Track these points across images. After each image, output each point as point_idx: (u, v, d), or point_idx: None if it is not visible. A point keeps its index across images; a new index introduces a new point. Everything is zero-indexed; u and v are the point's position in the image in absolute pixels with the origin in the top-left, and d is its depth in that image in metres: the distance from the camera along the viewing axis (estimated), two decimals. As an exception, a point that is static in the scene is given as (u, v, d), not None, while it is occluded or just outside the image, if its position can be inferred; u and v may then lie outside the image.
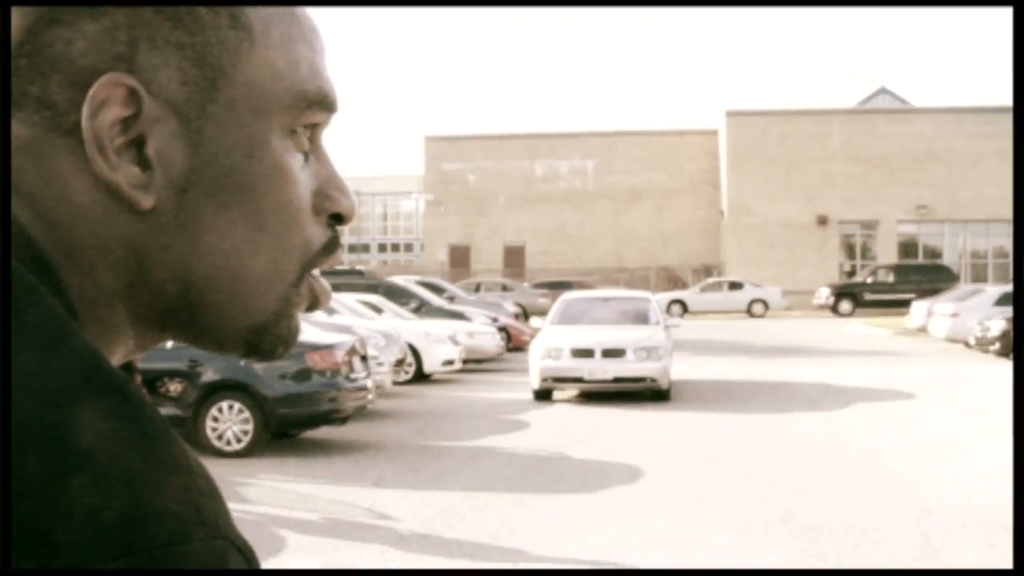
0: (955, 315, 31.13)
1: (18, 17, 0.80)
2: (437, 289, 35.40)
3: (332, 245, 0.91)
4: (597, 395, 19.30)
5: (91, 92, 0.79)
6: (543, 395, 19.25)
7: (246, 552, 0.72)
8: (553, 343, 19.20)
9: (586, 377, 18.80)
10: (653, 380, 18.69)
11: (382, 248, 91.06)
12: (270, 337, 0.90)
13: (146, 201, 0.81)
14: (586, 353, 18.90)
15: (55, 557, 0.64)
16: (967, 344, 29.36)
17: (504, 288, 48.52)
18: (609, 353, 18.84)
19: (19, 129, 0.80)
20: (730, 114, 60.70)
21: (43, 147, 0.80)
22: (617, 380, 18.72)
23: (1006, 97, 65.52)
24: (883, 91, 70.12)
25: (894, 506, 10.58)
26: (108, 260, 0.82)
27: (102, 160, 0.80)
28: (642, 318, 20.95)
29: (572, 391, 19.67)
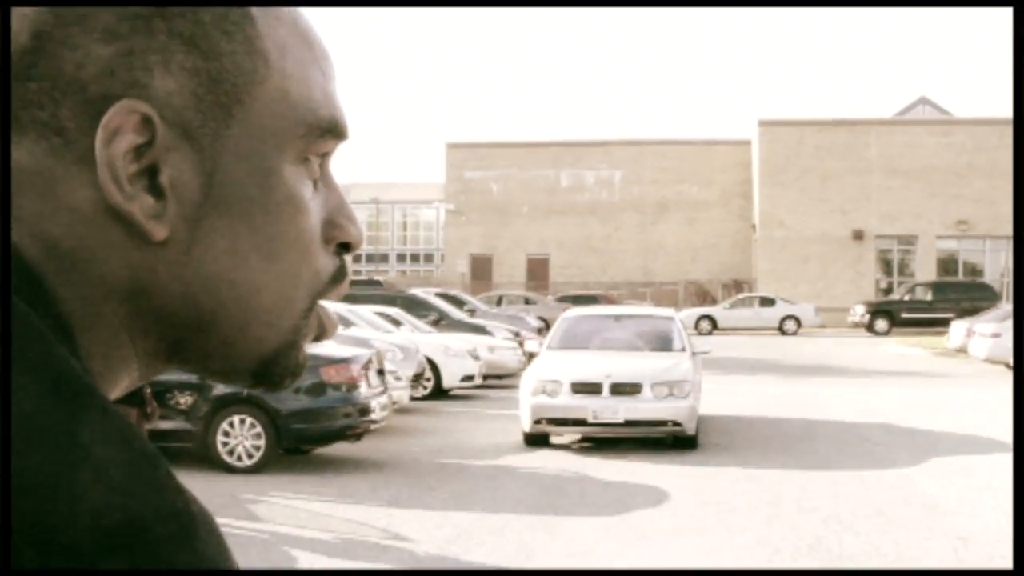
0: (996, 335, 30.43)
1: (25, 38, 0.79)
2: (457, 302, 35.31)
3: (340, 274, 0.91)
4: (604, 441, 15.89)
5: (105, 119, 0.77)
6: (536, 440, 15.84)
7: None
8: (549, 374, 15.78)
9: (590, 419, 15.20)
10: (676, 424, 15.18)
11: (401, 258, 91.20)
12: (278, 369, 0.89)
13: (160, 232, 0.80)
14: (591, 388, 15.40)
15: (56, 557, 0.65)
16: (1008, 366, 28.79)
17: (527, 301, 48.40)
18: (620, 389, 15.32)
19: (21, 155, 0.79)
20: (763, 124, 60.40)
21: (50, 174, 0.78)
22: (630, 424, 15.18)
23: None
24: (923, 101, 69.57)
25: (930, 534, 10.49)
26: (116, 290, 0.81)
27: (116, 189, 0.78)
28: (664, 342, 17.62)
29: (573, 435, 16.21)
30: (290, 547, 9.76)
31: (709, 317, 50.63)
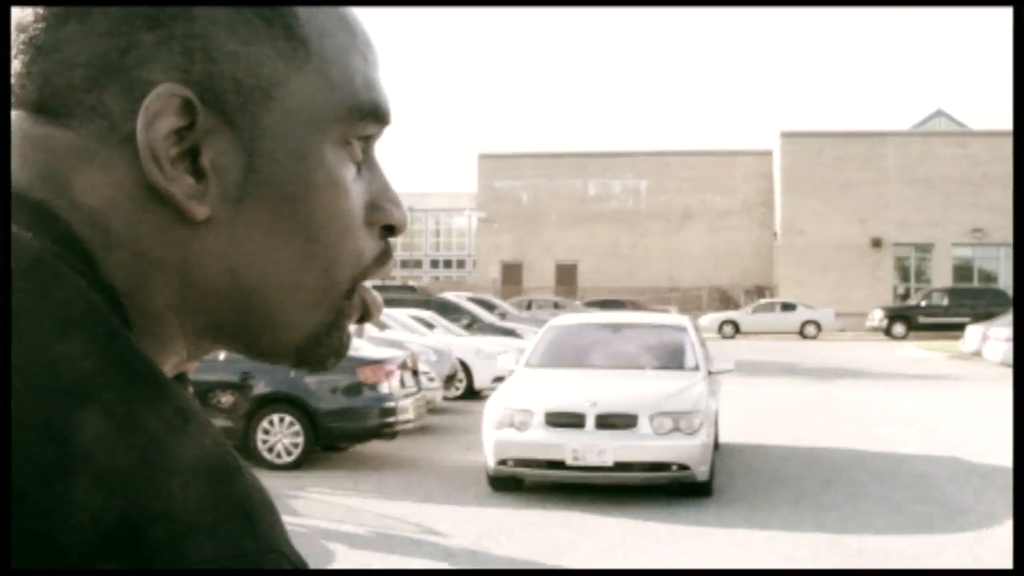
0: (1010, 340, 30.78)
1: (72, 25, 0.80)
2: (488, 306, 35.47)
3: (384, 257, 0.92)
4: (589, 489, 12.24)
5: (146, 103, 0.79)
6: (504, 484, 12.30)
7: (294, 560, 0.71)
8: (519, 401, 12.32)
9: (570, 461, 11.63)
10: (683, 467, 11.65)
11: (434, 264, 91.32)
12: (321, 348, 0.89)
13: (200, 212, 0.81)
14: (571, 420, 11.90)
15: (55, 558, 0.64)
16: (1024, 369, 29.00)
17: (556, 306, 48.46)
18: (610, 421, 11.85)
19: (70, 138, 0.80)
20: (785, 135, 60.51)
21: (97, 157, 0.80)
22: (621, 467, 11.64)
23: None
24: (939, 113, 69.66)
25: (947, 532, 10.49)
26: (162, 271, 0.82)
27: (157, 171, 0.79)
28: (673, 359, 13.96)
29: (552, 477, 12.13)
30: (328, 541, 9.83)
31: (732, 322, 50.92)
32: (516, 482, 12.28)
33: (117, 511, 0.65)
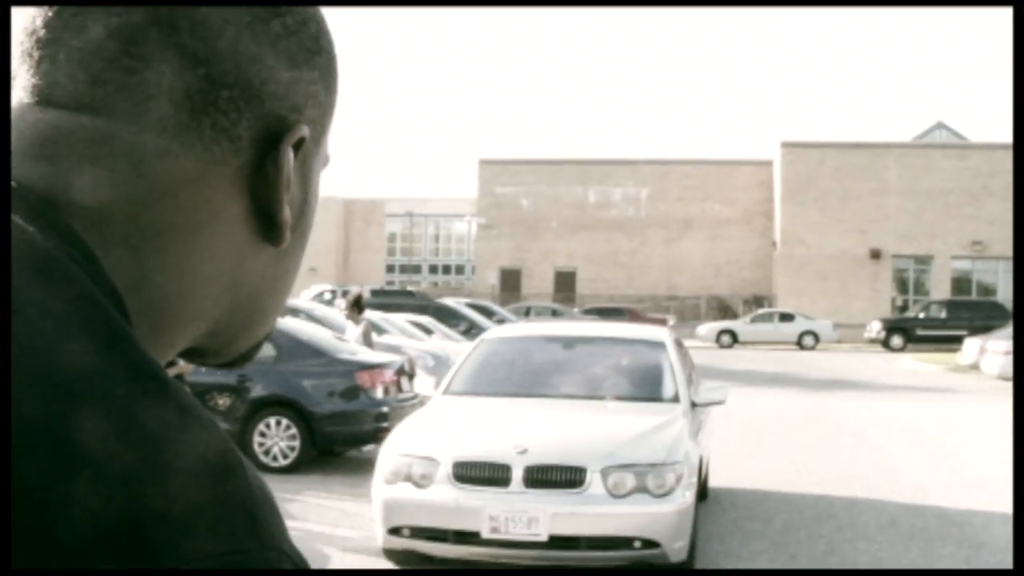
0: (1008, 353, 30.83)
1: (224, 44, 0.82)
2: (487, 312, 35.53)
3: None
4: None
5: (292, 137, 0.84)
6: (405, 558, 8.89)
7: (295, 558, 0.71)
8: (419, 445, 8.87)
9: (486, 533, 8.29)
10: (651, 544, 8.37)
11: (433, 269, 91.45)
12: (256, 350, 0.95)
13: (287, 240, 0.87)
14: (490, 474, 8.50)
15: (56, 557, 0.64)
16: (1022, 383, 29.06)
17: (554, 313, 48.57)
18: (545, 476, 8.45)
19: (187, 163, 0.81)
20: (785, 145, 60.61)
21: (209, 179, 0.82)
22: (560, 543, 8.35)
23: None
24: (940, 126, 69.79)
25: (943, 544, 10.51)
26: (208, 286, 0.85)
27: (281, 201, 0.85)
28: (645, 385, 10.41)
29: (462, 554, 8.72)
30: (323, 544, 9.82)
31: (730, 331, 50.99)
32: (423, 558, 8.82)
33: (118, 510, 0.65)
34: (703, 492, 10.77)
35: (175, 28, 0.81)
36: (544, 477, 8.37)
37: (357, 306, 15.66)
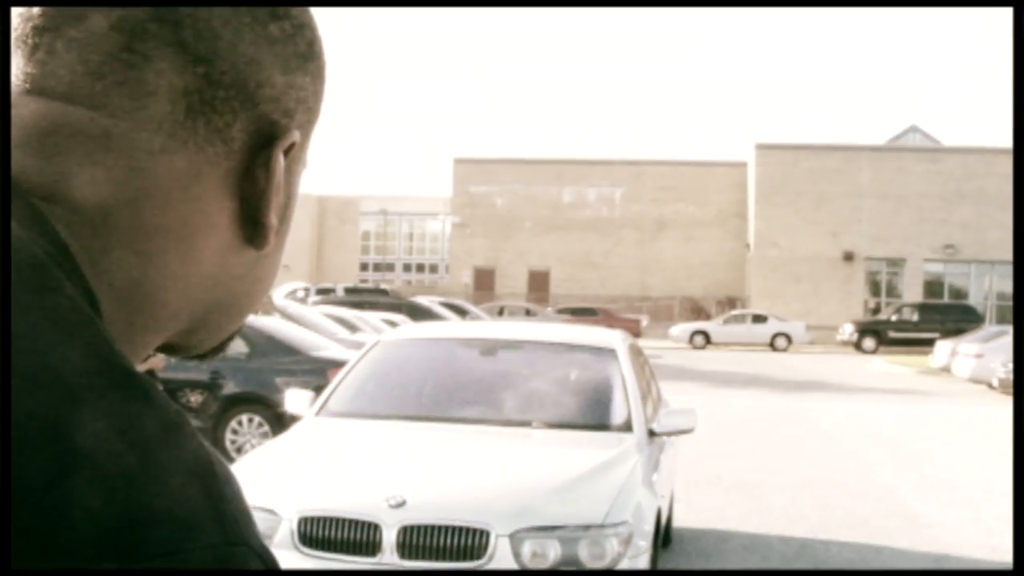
0: (979, 356, 31.05)
1: (223, 44, 0.82)
2: (460, 311, 35.61)
3: None
4: None
5: (284, 141, 0.85)
6: None
7: (265, 557, 0.71)
8: (256, 493, 6.04)
9: None
10: None
11: (407, 268, 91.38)
12: (228, 343, 0.95)
13: (271, 244, 0.88)
14: (350, 536, 5.86)
15: (55, 557, 0.64)
16: (990, 385, 29.34)
17: (527, 312, 48.64)
18: (426, 543, 5.78)
19: (179, 163, 0.81)
20: (759, 147, 60.83)
21: (201, 179, 0.82)
22: None
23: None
24: (914, 129, 70.00)
25: (913, 546, 10.54)
26: (201, 285, 0.86)
27: (272, 205, 0.86)
28: (589, 408, 7.73)
29: None
30: None
31: (703, 332, 51.08)
32: None
33: (117, 510, 0.65)
34: (666, 537, 9.02)
35: (178, 25, 0.80)
36: (427, 542, 5.77)
37: None
